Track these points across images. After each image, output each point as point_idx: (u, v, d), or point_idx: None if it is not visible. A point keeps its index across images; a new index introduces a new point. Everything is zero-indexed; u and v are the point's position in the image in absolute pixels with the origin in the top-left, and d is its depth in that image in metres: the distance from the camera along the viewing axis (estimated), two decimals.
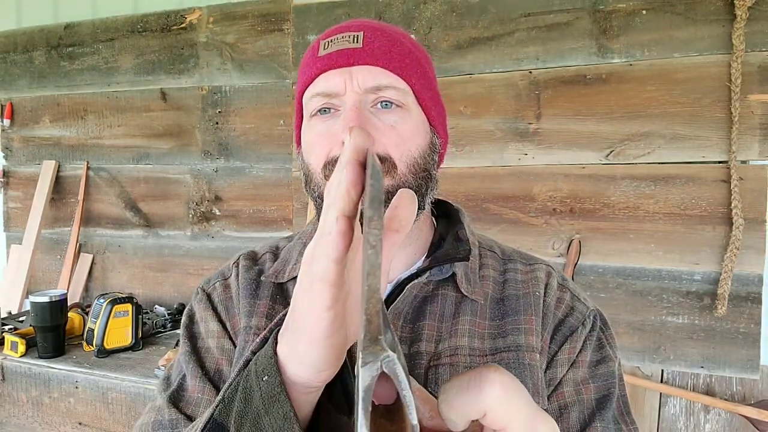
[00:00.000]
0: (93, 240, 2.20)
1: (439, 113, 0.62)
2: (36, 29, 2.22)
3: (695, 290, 1.48)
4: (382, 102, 0.55)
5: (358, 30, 0.55)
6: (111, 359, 1.59)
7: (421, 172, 0.57)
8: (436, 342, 0.55)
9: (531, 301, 0.58)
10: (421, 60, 0.60)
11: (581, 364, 0.56)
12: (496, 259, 0.63)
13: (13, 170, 2.31)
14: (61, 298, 1.60)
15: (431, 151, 0.59)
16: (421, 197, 0.57)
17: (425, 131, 0.59)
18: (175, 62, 2.03)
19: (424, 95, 0.58)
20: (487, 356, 0.54)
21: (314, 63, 0.56)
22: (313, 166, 0.58)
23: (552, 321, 0.57)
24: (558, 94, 1.59)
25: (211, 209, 2.02)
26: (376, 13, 1.76)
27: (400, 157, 0.55)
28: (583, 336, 0.57)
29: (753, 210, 1.42)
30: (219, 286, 0.66)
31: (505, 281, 0.60)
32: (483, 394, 0.24)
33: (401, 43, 0.57)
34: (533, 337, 0.55)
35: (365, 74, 0.54)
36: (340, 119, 0.54)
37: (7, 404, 1.64)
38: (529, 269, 0.61)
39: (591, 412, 0.54)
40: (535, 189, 1.62)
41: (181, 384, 0.60)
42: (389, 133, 0.55)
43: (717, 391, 1.50)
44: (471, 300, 0.58)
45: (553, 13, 1.58)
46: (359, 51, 0.54)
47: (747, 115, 1.42)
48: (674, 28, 1.47)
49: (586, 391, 0.55)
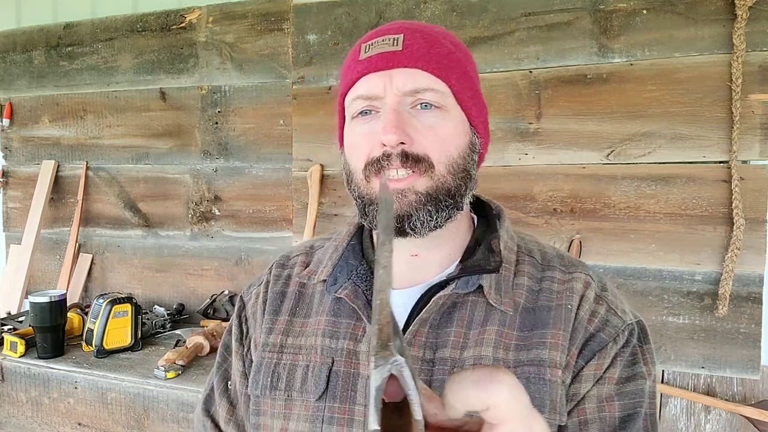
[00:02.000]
0: (92, 240, 2.20)
1: (480, 112, 0.62)
2: (35, 29, 2.21)
3: (696, 290, 1.48)
4: (421, 104, 0.56)
5: (397, 33, 0.57)
6: (110, 359, 1.58)
7: (460, 173, 0.58)
8: (461, 349, 0.56)
9: (562, 314, 0.56)
10: (462, 60, 0.60)
11: (608, 381, 0.55)
12: (534, 266, 0.62)
13: (13, 170, 2.31)
14: (60, 298, 1.59)
15: (471, 151, 0.60)
16: (460, 197, 0.59)
17: (465, 131, 0.60)
18: (174, 62, 2.03)
19: (463, 95, 0.59)
20: (510, 368, 0.53)
21: (355, 66, 0.59)
22: (354, 166, 0.59)
23: (583, 335, 0.56)
24: (558, 93, 1.58)
25: (210, 209, 2.02)
26: (377, 12, 1.75)
27: (438, 157, 0.56)
28: (613, 352, 0.55)
29: (754, 210, 1.42)
30: (253, 295, 0.70)
31: (540, 290, 0.59)
32: (491, 390, 0.27)
33: (441, 44, 0.58)
34: (558, 352, 0.54)
35: (404, 77, 0.55)
36: (380, 120, 0.56)
37: (7, 404, 1.64)
38: (566, 278, 0.60)
39: (613, 429, 0.53)
40: (536, 189, 1.62)
41: (210, 394, 0.70)
42: (428, 134, 0.56)
43: (718, 392, 1.49)
44: (500, 310, 0.57)
45: (554, 13, 1.58)
46: (399, 54, 0.55)
47: (748, 115, 1.42)
48: (675, 28, 1.47)
49: (610, 409, 0.54)
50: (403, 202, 0.55)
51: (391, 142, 0.54)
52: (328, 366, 0.59)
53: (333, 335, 0.61)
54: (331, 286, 0.62)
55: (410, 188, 0.55)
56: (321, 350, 0.61)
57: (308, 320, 0.64)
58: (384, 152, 0.55)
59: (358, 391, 0.57)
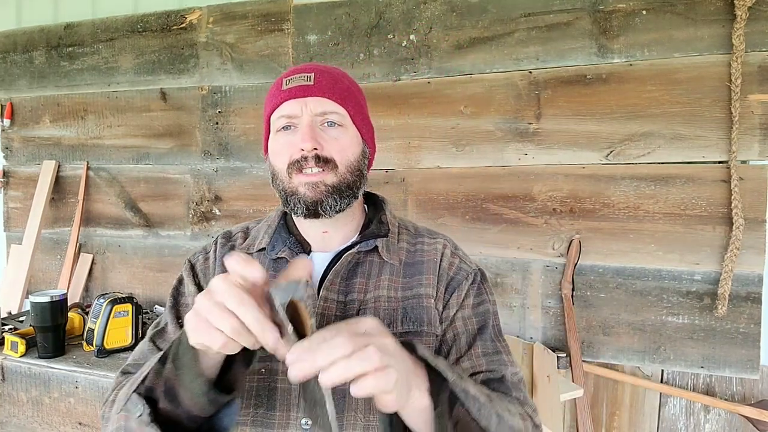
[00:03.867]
0: (93, 240, 2.20)
1: (369, 131, 0.85)
2: (36, 29, 2.22)
3: (695, 290, 1.48)
4: (327, 122, 0.77)
5: (311, 72, 0.79)
6: (111, 359, 1.58)
7: (356, 172, 0.79)
8: (364, 293, 0.78)
9: (431, 265, 0.81)
10: (356, 93, 0.83)
11: (466, 306, 0.80)
12: (410, 235, 0.87)
13: (13, 170, 2.31)
14: (61, 298, 1.60)
15: (363, 157, 0.82)
16: (356, 189, 0.80)
17: (358, 143, 0.81)
18: (175, 62, 2.03)
19: (357, 118, 0.81)
20: (399, 302, 0.77)
21: (279, 94, 0.79)
22: (278, 167, 0.79)
23: (446, 278, 0.81)
24: (558, 94, 1.59)
25: (211, 209, 2.02)
26: (377, 12, 1.76)
27: (341, 160, 0.77)
28: (466, 286, 0.81)
29: (753, 210, 1.42)
30: (201, 258, 0.88)
31: (415, 251, 0.84)
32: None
33: (341, 81, 0.80)
34: (430, 288, 0.79)
35: (315, 103, 0.77)
36: (299, 133, 0.76)
37: (7, 404, 1.64)
38: (431, 242, 0.85)
39: (474, 335, 0.78)
40: (535, 189, 1.62)
41: (164, 328, 0.84)
42: (333, 143, 0.77)
43: (717, 391, 1.50)
44: (390, 264, 0.80)
45: (553, 13, 1.58)
46: (312, 87, 0.77)
47: (747, 115, 1.42)
48: (674, 28, 1.47)
49: (470, 323, 0.79)
50: (316, 191, 0.75)
51: (307, 147, 0.74)
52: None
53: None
54: (271, 251, 0.82)
55: (321, 181, 0.75)
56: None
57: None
58: (302, 155, 0.75)
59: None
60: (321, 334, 0.50)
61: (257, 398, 0.73)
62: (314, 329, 0.51)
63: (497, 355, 0.77)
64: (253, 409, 0.73)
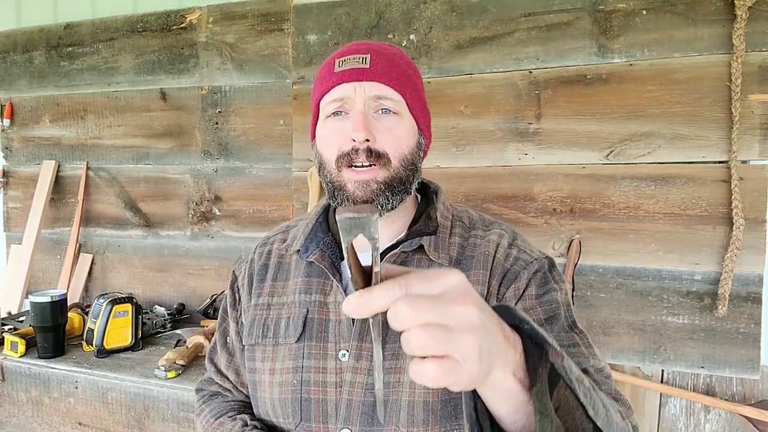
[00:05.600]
0: (93, 240, 2.20)
1: (426, 119, 0.78)
2: (36, 29, 2.22)
3: (695, 290, 1.48)
4: (382, 109, 0.71)
5: (366, 53, 0.72)
6: (111, 359, 1.58)
7: (410, 166, 0.74)
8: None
9: (481, 259, 0.75)
10: (413, 77, 0.76)
11: (527, 297, 0.72)
12: (463, 228, 0.80)
13: (13, 170, 2.31)
14: (60, 298, 1.60)
15: (418, 149, 0.76)
16: (409, 185, 0.74)
17: (414, 133, 0.75)
18: (175, 62, 2.03)
19: (414, 105, 0.74)
20: None
21: (332, 77, 0.72)
22: (327, 157, 0.73)
23: (501, 271, 0.74)
24: (558, 94, 1.59)
25: (210, 209, 2.02)
26: (377, 12, 1.76)
27: (394, 154, 0.71)
28: (525, 277, 0.73)
29: (753, 210, 1.42)
30: (243, 271, 0.87)
31: (466, 246, 0.77)
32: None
33: (398, 64, 0.74)
34: (478, 286, 0.73)
35: (370, 87, 0.70)
36: (350, 120, 0.70)
37: (7, 404, 1.64)
38: (485, 234, 0.78)
39: (540, 326, 0.65)
40: (536, 189, 1.62)
41: (213, 347, 0.90)
42: (387, 134, 0.71)
43: (717, 392, 1.50)
44: (437, 264, 0.74)
45: (553, 13, 1.58)
46: (367, 70, 0.70)
47: (747, 115, 1.42)
48: (674, 28, 1.47)
49: (534, 315, 0.71)
50: (366, 190, 0.70)
51: (359, 138, 0.68)
52: (304, 315, 0.76)
53: (307, 291, 0.77)
54: (304, 253, 0.78)
55: (373, 179, 0.70)
56: (298, 304, 0.77)
57: (287, 283, 0.81)
58: (353, 147, 0.69)
59: (329, 332, 0.74)
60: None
61: (293, 409, 0.72)
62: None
63: (574, 348, 0.68)
64: (292, 419, 0.71)
